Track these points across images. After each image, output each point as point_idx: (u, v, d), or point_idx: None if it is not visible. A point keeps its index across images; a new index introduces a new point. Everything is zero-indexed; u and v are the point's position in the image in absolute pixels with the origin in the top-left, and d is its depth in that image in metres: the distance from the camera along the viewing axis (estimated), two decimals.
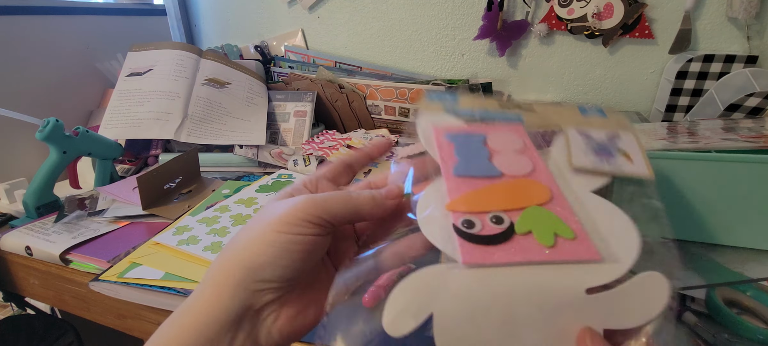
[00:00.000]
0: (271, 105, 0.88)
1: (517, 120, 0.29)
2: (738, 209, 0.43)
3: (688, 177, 0.44)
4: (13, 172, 0.77)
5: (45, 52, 0.84)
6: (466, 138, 0.27)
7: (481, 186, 0.24)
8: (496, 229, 0.21)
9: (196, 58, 0.87)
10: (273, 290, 0.22)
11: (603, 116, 0.28)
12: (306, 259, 0.23)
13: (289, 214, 0.22)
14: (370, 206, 0.24)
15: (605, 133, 0.27)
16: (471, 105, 0.30)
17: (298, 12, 1.04)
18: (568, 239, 0.20)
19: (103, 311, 0.50)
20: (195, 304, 0.22)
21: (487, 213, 0.22)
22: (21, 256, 0.55)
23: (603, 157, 0.25)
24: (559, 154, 0.26)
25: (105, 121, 0.76)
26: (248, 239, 0.22)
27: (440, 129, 0.28)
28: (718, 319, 0.35)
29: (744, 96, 0.66)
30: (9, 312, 0.70)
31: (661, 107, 0.78)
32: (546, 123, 0.28)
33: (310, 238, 0.22)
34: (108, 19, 0.98)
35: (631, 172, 0.24)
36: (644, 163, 0.25)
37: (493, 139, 0.27)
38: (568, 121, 0.28)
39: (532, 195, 0.23)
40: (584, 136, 0.26)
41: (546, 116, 0.29)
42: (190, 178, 0.69)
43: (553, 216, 0.22)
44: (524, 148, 0.26)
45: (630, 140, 0.26)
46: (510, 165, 0.25)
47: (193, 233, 0.50)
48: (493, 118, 0.29)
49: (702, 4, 0.75)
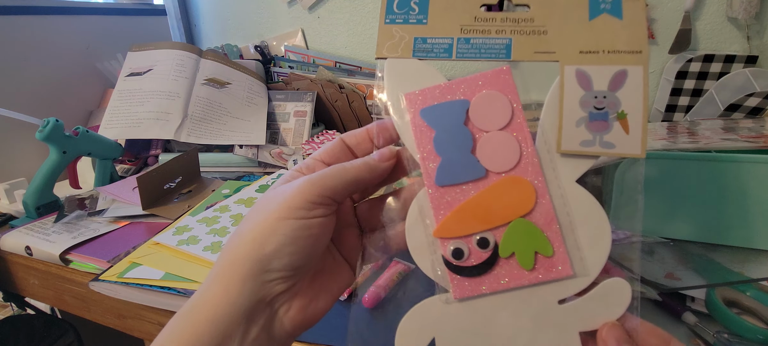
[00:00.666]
0: (271, 105, 0.88)
1: (504, 54, 0.24)
2: (738, 209, 0.43)
3: (688, 177, 0.44)
4: (13, 172, 0.77)
5: (45, 52, 0.84)
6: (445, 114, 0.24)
7: (465, 196, 0.24)
8: (483, 255, 0.23)
9: (196, 58, 0.87)
10: (283, 279, 0.22)
11: (617, 18, 0.23)
12: (313, 244, 0.23)
13: (289, 199, 0.22)
14: (366, 172, 0.24)
15: (609, 76, 0.23)
16: (445, 29, 0.25)
17: (298, 12, 1.04)
18: (547, 257, 0.23)
19: (103, 311, 0.50)
20: (205, 299, 0.22)
21: (473, 235, 0.23)
22: (21, 256, 0.55)
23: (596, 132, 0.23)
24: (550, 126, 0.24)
25: (105, 121, 0.76)
26: (252, 230, 0.22)
27: (413, 100, 0.25)
28: (718, 319, 0.35)
29: (744, 96, 0.66)
30: (9, 312, 0.70)
31: (661, 107, 0.78)
32: (541, 46, 0.24)
33: (315, 220, 0.22)
34: (108, 19, 0.98)
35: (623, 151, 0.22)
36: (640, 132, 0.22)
37: (477, 107, 0.24)
38: (567, 45, 0.24)
39: (516, 203, 0.23)
40: (583, 82, 0.23)
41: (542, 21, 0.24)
42: (190, 178, 0.69)
43: (534, 230, 0.23)
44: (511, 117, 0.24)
45: (636, 84, 0.23)
46: (495, 156, 0.24)
47: (193, 233, 0.50)
48: (476, 53, 0.25)
49: (702, 4, 0.75)
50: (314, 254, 0.23)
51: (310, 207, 0.22)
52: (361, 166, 0.24)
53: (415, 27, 0.25)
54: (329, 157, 0.27)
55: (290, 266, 0.22)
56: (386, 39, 0.26)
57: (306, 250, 0.22)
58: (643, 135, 0.22)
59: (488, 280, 0.23)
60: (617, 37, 0.23)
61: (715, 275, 0.39)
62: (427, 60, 0.25)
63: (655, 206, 0.45)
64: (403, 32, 0.26)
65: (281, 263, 0.22)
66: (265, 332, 0.22)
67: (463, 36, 0.25)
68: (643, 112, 0.22)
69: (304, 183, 0.23)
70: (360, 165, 0.24)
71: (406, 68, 0.25)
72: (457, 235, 0.23)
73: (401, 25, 0.26)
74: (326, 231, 0.23)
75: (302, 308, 0.24)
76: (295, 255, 0.22)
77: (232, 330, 0.21)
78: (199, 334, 0.21)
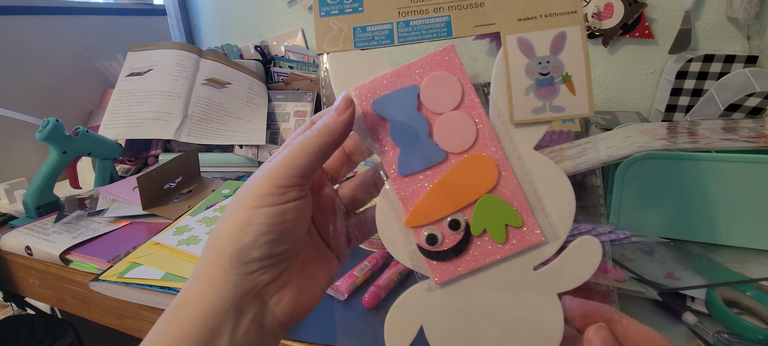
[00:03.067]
0: (271, 105, 0.88)
1: (446, 33, 0.24)
2: (738, 209, 0.43)
3: (688, 177, 0.44)
4: (13, 172, 0.77)
5: (45, 52, 0.84)
6: (397, 102, 0.24)
7: (429, 181, 0.24)
8: (456, 236, 0.24)
9: (196, 58, 0.87)
10: (265, 268, 0.22)
11: None
12: (290, 229, 0.22)
13: (257, 188, 0.22)
14: (327, 135, 0.22)
15: (550, 40, 0.23)
16: (382, 14, 0.24)
17: (298, 12, 1.03)
18: (517, 228, 0.23)
19: (103, 311, 0.50)
20: (189, 297, 0.21)
21: (444, 219, 0.24)
22: (21, 256, 0.55)
23: (545, 97, 0.23)
24: (501, 99, 0.24)
25: (105, 121, 0.76)
26: (228, 224, 0.22)
27: (363, 92, 0.24)
28: (718, 319, 0.35)
29: (744, 96, 0.66)
30: (9, 312, 0.70)
31: (661, 107, 0.78)
32: (480, 19, 0.24)
33: (289, 205, 0.22)
34: (108, 19, 0.98)
35: (573, 112, 0.23)
36: (586, 92, 0.23)
37: (427, 91, 0.24)
38: (506, 15, 0.23)
39: (480, 181, 0.23)
40: (526, 50, 0.23)
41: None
42: (190, 178, 0.69)
43: (502, 204, 0.23)
44: (462, 95, 0.24)
45: (575, 44, 0.23)
46: (453, 137, 0.24)
47: (193, 233, 0.50)
48: (418, 36, 0.24)
49: (702, 4, 0.75)
50: (294, 238, 0.23)
51: (280, 192, 0.22)
52: (320, 130, 0.22)
53: (352, 17, 0.24)
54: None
55: (269, 254, 0.22)
56: (325, 32, 0.25)
57: (284, 236, 0.22)
58: (588, 94, 0.23)
59: (465, 260, 0.24)
60: (550, 4, 0.23)
61: (715, 275, 0.39)
62: (369, 49, 0.24)
63: (656, 205, 0.45)
64: (340, 23, 0.25)
65: (260, 253, 0.22)
66: (256, 324, 0.22)
67: (401, 19, 0.24)
68: (586, 72, 0.23)
69: (270, 169, 0.22)
70: (319, 129, 0.22)
71: (350, 61, 0.24)
72: (428, 221, 0.24)
73: (338, 16, 0.25)
74: (302, 215, 0.23)
75: (293, 298, 0.23)
76: (274, 243, 0.22)
77: (221, 325, 0.21)
78: (185, 332, 0.20)
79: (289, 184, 0.22)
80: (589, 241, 0.23)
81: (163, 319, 0.22)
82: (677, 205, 0.45)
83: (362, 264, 0.44)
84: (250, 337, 0.22)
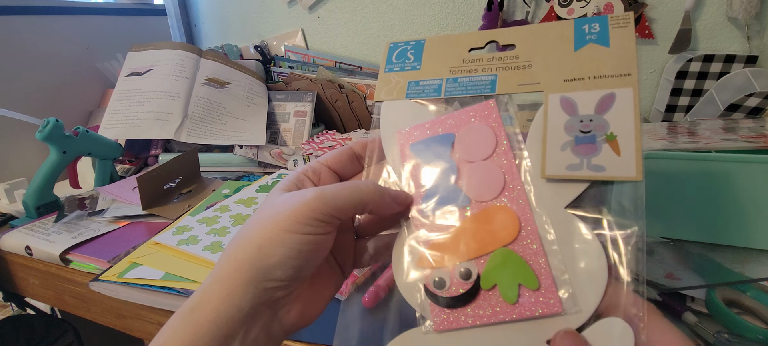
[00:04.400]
0: (271, 105, 0.88)
1: (489, 89, 0.25)
2: (738, 209, 0.43)
3: (688, 177, 0.44)
4: (13, 172, 0.77)
5: (45, 52, 0.84)
6: (432, 147, 0.25)
7: (449, 225, 0.24)
8: (464, 285, 0.22)
9: (196, 58, 0.87)
10: (284, 287, 0.23)
11: (604, 46, 0.23)
12: (316, 257, 0.23)
13: (298, 213, 0.22)
14: (377, 201, 0.24)
15: (596, 100, 0.22)
16: (435, 72, 0.27)
17: (298, 12, 1.03)
18: (533, 291, 0.21)
19: (103, 311, 0.50)
20: (207, 300, 0.22)
21: (456, 266, 0.23)
22: (21, 256, 0.55)
23: (583, 155, 0.22)
24: (535, 153, 0.23)
25: (105, 121, 0.76)
26: (258, 237, 0.22)
27: (404, 136, 0.26)
28: (718, 319, 0.35)
29: (744, 96, 0.66)
30: (9, 312, 0.70)
31: (661, 107, 0.78)
32: (526, 79, 0.25)
33: (321, 237, 0.22)
34: (108, 19, 0.98)
35: (616, 174, 0.21)
36: (634, 154, 0.21)
37: (462, 139, 0.25)
38: (552, 76, 0.24)
39: (499, 232, 0.22)
40: (568, 108, 0.23)
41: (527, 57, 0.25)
42: (190, 178, 0.69)
43: (518, 261, 0.22)
44: (495, 146, 0.24)
45: (625, 105, 0.22)
46: (479, 185, 0.24)
47: (193, 233, 0.50)
48: (463, 90, 0.26)
49: (702, 4, 0.75)
50: (316, 264, 0.24)
51: (318, 225, 0.22)
52: (373, 192, 0.23)
53: (409, 73, 0.28)
54: (336, 164, 0.27)
55: (292, 276, 0.22)
56: (384, 85, 0.28)
57: (309, 262, 0.23)
58: (637, 156, 0.21)
59: (468, 313, 0.22)
60: (604, 63, 0.23)
61: (715, 275, 0.39)
62: (417, 100, 0.27)
63: (656, 206, 0.45)
64: (398, 78, 0.28)
65: (284, 274, 0.22)
66: (264, 332, 0.23)
67: (451, 76, 0.27)
68: (636, 133, 0.21)
69: (316, 199, 0.22)
70: (372, 190, 0.23)
71: (399, 108, 0.27)
72: (439, 265, 0.23)
73: (398, 73, 0.28)
74: (329, 245, 0.24)
75: (300, 309, 0.24)
76: (298, 267, 0.22)
77: (235, 331, 0.22)
78: (201, 334, 0.21)
79: (327, 221, 0.22)
80: (620, 327, 0.19)
81: (177, 317, 0.22)
82: (677, 205, 0.45)
83: None
84: (257, 343, 0.23)
